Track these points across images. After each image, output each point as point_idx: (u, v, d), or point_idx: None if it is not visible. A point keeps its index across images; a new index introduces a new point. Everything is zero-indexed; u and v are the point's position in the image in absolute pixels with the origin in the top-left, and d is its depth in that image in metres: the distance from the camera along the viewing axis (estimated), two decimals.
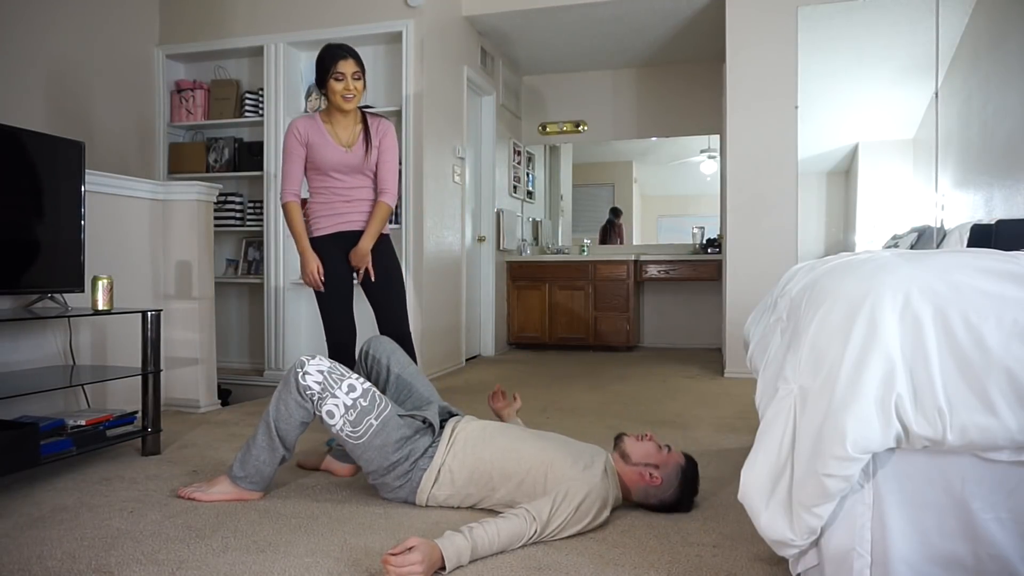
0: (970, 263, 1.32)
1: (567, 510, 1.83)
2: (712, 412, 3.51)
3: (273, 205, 4.55)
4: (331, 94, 2.68)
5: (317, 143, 2.72)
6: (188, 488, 2.21)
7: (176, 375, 3.54)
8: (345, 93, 2.66)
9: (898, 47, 4.66)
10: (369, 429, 2.01)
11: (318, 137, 2.73)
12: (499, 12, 5.07)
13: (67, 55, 4.04)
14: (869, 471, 1.31)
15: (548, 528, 1.81)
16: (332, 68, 2.64)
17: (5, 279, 2.57)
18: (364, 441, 2.01)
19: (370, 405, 2.03)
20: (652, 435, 2.08)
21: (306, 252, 2.73)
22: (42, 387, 2.45)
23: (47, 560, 1.73)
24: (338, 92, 2.66)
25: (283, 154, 2.77)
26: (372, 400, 2.04)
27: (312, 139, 2.72)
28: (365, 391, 2.05)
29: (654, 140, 6.72)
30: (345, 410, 2.01)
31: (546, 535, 1.81)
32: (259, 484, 2.16)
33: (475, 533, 1.70)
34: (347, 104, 2.68)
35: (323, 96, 2.74)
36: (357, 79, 2.68)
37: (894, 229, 4.64)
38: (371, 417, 2.01)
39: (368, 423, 2.01)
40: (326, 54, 2.68)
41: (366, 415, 2.01)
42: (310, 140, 2.72)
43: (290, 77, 4.60)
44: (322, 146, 2.72)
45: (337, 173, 2.75)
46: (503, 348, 6.14)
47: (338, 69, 2.64)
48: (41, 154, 2.69)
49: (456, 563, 1.65)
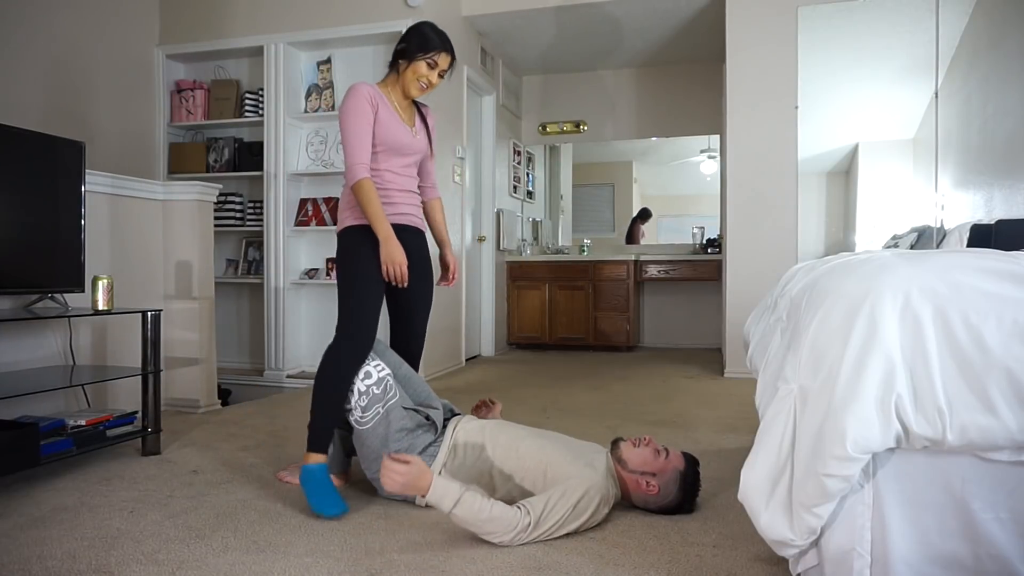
0: (970, 263, 1.32)
1: (564, 506, 1.83)
2: (712, 412, 3.51)
3: (273, 205, 4.56)
4: (411, 73, 2.33)
5: (385, 118, 2.31)
6: (282, 472, 2.39)
7: (176, 375, 3.54)
8: (425, 81, 2.35)
9: (898, 47, 4.66)
10: (376, 416, 2.09)
11: (386, 111, 2.32)
12: (499, 12, 5.07)
13: (67, 55, 4.04)
14: (869, 471, 1.31)
15: (545, 524, 1.80)
16: (430, 52, 2.31)
17: (5, 279, 2.57)
18: (369, 428, 2.09)
19: (382, 393, 2.11)
20: (651, 439, 2.06)
21: (391, 240, 2.21)
22: (42, 387, 2.45)
23: (47, 560, 1.73)
24: (422, 76, 2.34)
25: (347, 118, 2.26)
26: (384, 389, 2.12)
27: (381, 111, 2.31)
28: (380, 379, 2.13)
29: (654, 140, 6.72)
30: (358, 396, 2.10)
31: (544, 532, 1.81)
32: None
33: (470, 491, 1.78)
34: (419, 93, 2.38)
35: (393, 70, 2.39)
36: (441, 78, 2.40)
37: (894, 229, 4.64)
38: (380, 405, 2.10)
39: (376, 410, 2.09)
40: (432, 35, 2.33)
41: (376, 403, 2.10)
42: (379, 111, 2.30)
43: (290, 77, 4.60)
44: (390, 121, 2.32)
45: (399, 157, 2.37)
46: (503, 348, 6.14)
47: (436, 58, 2.33)
48: (41, 154, 2.69)
49: (437, 499, 1.75)
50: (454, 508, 1.74)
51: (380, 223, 2.21)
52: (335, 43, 4.60)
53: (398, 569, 1.67)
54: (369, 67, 4.58)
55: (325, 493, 2.06)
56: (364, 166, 2.23)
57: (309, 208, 4.64)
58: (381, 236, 2.21)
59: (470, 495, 1.76)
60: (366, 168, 2.23)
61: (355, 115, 2.25)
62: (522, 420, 2.61)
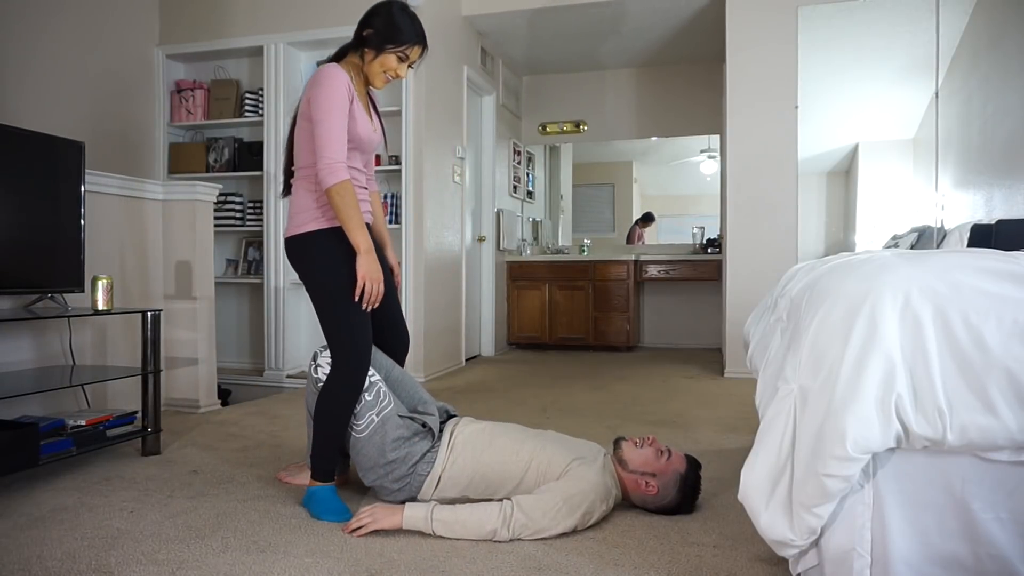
0: (970, 263, 1.32)
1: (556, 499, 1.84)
2: (712, 412, 3.51)
3: (273, 205, 4.56)
4: (377, 65, 2.09)
5: (356, 110, 2.07)
6: (282, 472, 2.38)
7: (176, 375, 3.54)
8: (393, 74, 2.12)
9: (898, 47, 4.66)
10: (370, 424, 2.04)
11: (356, 104, 2.08)
12: (499, 12, 5.07)
13: (67, 55, 4.04)
14: (869, 471, 1.31)
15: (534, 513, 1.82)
16: (402, 44, 2.07)
17: (5, 279, 2.57)
18: (364, 436, 2.04)
19: (374, 400, 2.05)
20: (654, 439, 2.05)
21: (372, 254, 2.00)
22: (42, 387, 2.45)
23: (47, 560, 1.73)
24: (390, 69, 2.10)
25: (326, 109, 1.98)
26: (377, 396, 2.06)
27: (354, 102, 2.06)
28: (371, 385, 2.07)
29: (654, 140, 6.72)
30: None
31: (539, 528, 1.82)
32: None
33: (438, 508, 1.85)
34: (383, 85, 2.16)
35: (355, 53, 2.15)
36: (411, 68, 2.16)
37: (894, 229, 4.64)
38: (373, 413, 2.04)
39: (370, 418, 2.04)
40: (404, 24, 2.08)
41: (369, 410, 2.04)
42: (352, 103, 2.06)
43: (290, 77, 4.60)
44: (360, 115, 2.08)
45: (362, 154, 2.18)
46: (503, 348, 6.14)
47: (407, 51, 2.09)
48: (41, 154, 2.69)
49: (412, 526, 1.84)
50: (433, 527, 1.83)
51: (362, 234, 1.98)
52: (335, 43, 4.50)
53: (398, 569, 1.67)
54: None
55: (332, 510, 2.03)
56: (343, 165, 1.98)
57: None
58: (362, 248, 1.97)
59: (439, 512, 1.84)
60: (345, 168, 1.98)
61: (335, 107, 1.98)
62: (522, 420, 2.61)
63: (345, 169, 1.98)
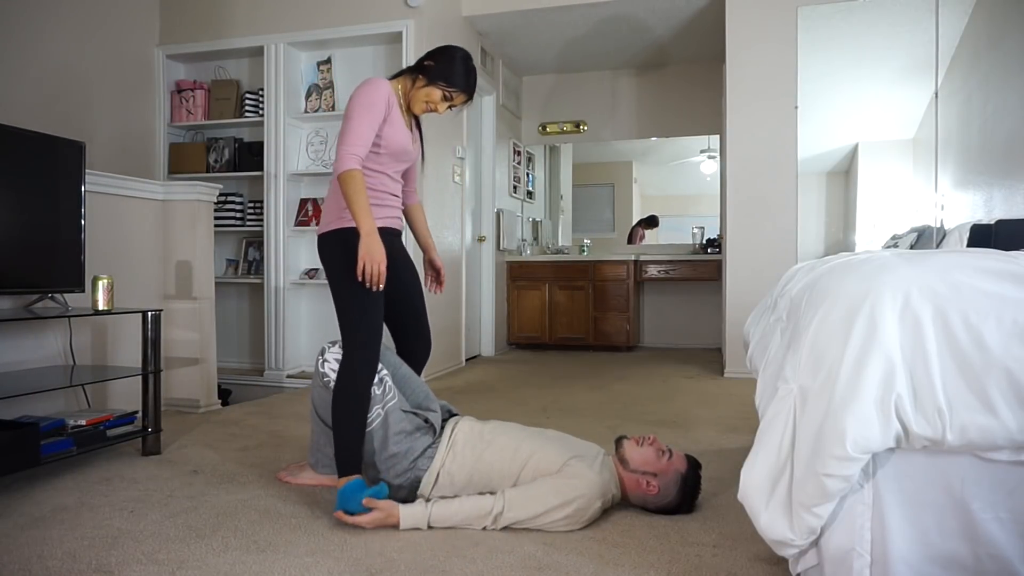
0: (970, 263, 1.32)
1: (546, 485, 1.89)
2: (712, 412, 3.51)
3: (273, 205, 4.56)
4: (423, 93, 2.25)
5: (395, 118, 2.22)
6: (282, 472, 2.40)
7: (176, 375, 3.54)
8: (434, 109, 2.28)
9: (898, 47, 4.66)
10: (377, 418, 2.07)
11: (397, 113, 2.23)
12: (499, 12, 5.07)
13: (67, 55, 4.04)
14: (869, 471, 1.31)
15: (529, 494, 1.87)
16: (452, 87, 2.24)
17: (5, 279, 2.57)
18: (369, 430, 2.07)
19: (381, 394, 2.10)
20: (655, 438, 2.06)
21: (375, 235, 2.07)
22: (42, 387, 2.45)
23: (47, 560, 1.73)
24: (433, 102, 2.26)
25: (358, 108, 2.14)
26: (384, 390, 2.11)
27: (393, 111, 2.21)
28: (379, 380, 2.11)
29: (654, 140, 6.72)
30: None
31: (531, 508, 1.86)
32: (330, 467, 2.23)
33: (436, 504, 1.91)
34: (421, 112, 2.33)
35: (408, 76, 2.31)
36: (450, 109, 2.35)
37: (894, 229, 4.64)
38: (379, 406, 2.08)
39: (376, 412, 2.08)
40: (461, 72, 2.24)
41: (376, 403, 2.08)
42: (391, 111, 2.20)
43: (290, 77, 4.60)
44: (398, 123, 2.23)
45: (397, 162, 2.30)
46: (503, 348, 6.14)
47: (454, 95, 2.26)
48: (41, 154, 2.69)
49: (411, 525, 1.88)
50: (430, 524, 1.89)
51: (366, 217, 2.08)
52: (335, 43, 4.60)
53: (398, 569, 1.67)
54: (369, 67, 4.58)
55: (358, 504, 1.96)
56: (357, 158, 2.11)
57: (309, 208, 4.64)
58: (364, 230, 2.05)
59: (437, 508, 1.90)
60: (359, 160, 2.11)
61: (368, 109, 2.13)
62: (522, 420, 2.61)
63: (358, 160, 2.10)
